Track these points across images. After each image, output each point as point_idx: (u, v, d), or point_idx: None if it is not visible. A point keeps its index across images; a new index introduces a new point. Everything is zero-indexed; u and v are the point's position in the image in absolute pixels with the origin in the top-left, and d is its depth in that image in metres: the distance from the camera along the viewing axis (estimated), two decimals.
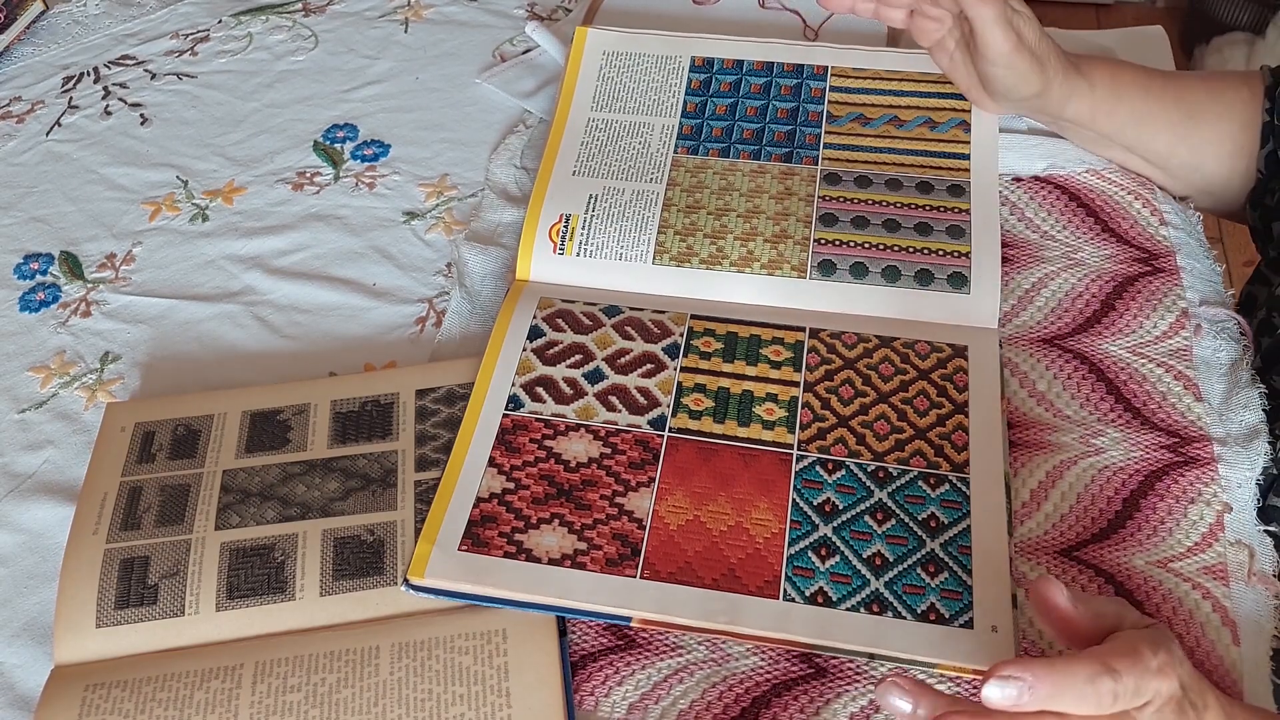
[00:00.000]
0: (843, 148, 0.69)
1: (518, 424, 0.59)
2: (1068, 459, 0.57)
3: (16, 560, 0.60)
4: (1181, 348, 0.61)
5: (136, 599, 0.54)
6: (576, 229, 0.67)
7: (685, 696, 0.52)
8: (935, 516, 0.54)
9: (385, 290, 0.70)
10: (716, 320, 0.63)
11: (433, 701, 0.50)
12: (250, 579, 0.55)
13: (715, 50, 0.74)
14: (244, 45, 0.89)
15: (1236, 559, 0.54)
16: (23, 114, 0.85)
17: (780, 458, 0.57)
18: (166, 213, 0.77)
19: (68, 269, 0.74)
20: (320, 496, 0.58)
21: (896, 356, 0.61)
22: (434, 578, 0.54)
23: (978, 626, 0.51)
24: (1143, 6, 2.20)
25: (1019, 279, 0.65)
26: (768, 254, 0.65)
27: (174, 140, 0.82)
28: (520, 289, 0.66)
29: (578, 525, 0.55)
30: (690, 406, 0.60)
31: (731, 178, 0.68)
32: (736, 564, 0.54)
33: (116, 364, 0.68)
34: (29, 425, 0.66)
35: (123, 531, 0.57)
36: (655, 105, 0.73)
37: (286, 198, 0.77)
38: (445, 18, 0.89)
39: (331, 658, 0.52)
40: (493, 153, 0.77)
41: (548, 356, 0.62)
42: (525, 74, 0.82)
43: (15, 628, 0.57)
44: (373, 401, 0.62)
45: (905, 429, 0.58)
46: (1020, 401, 0.60)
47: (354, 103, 0.83)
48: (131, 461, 0.60)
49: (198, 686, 0.51)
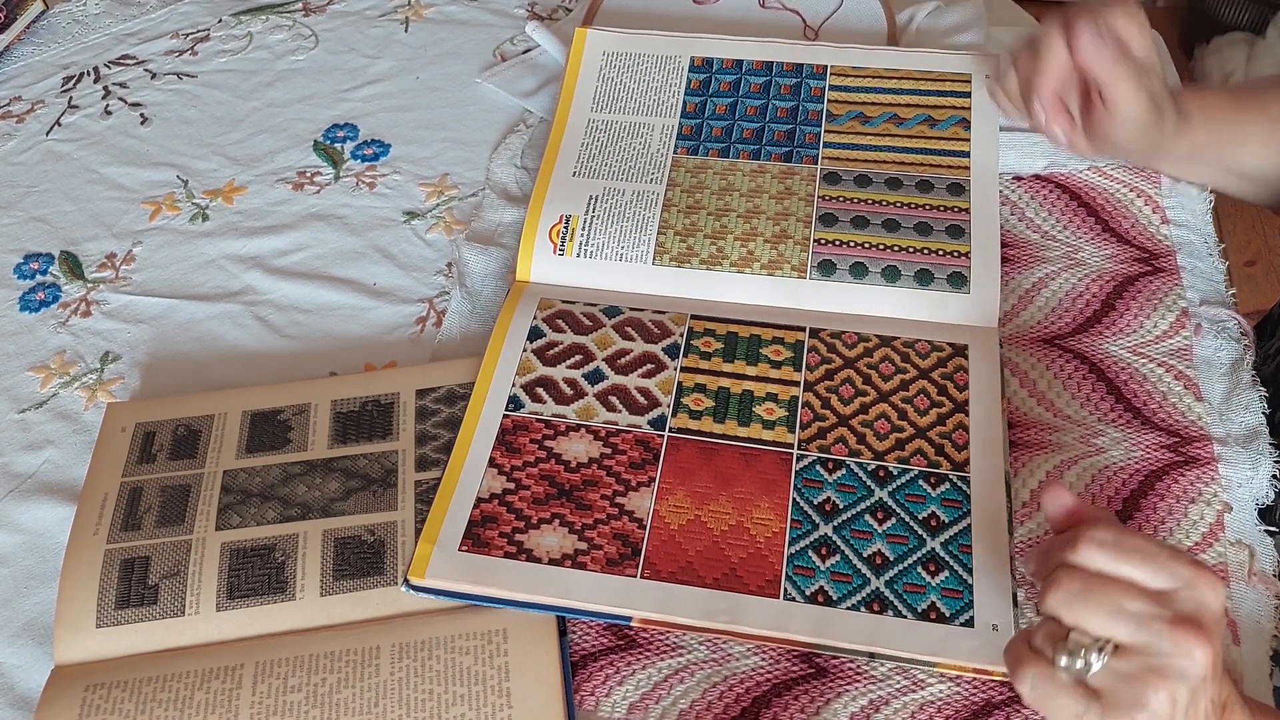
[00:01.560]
0: (842, 146, 0.69)
1: (518, 424, 0.59)
2: (1068, 459, 0.57)
3: (16, 560, 0.60)
4: (1182, 347, 0.61)
5: (137, 599, 0.54)
6: (577, 230, 0.67)
7: (686, 696, 0.52)
8: (935, 516, 0.54)
9: (385, 290, 0.70)
10: (717, 320, 0.63)
11: (433, 702, 0.50)
12: (251, 579, 0.55)
13: (715, 50, 0.74)
14: (244, 45, 0.88)
15: (1236, 559, 0.54)
16: (23, 114, 0.85)
17: (781, 457, 0.57)
18: (166, 212, 0.77)
19: (68, 269, 0.74)
20: (321, 497, 0.58)
21: (896, 356, 0.61)
22: (434, 578, 0.54)
23: (978, 625, 0.51)
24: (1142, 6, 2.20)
25: (1019, 279, 0.65)
26: (768, 254, 0.65)
27: (174, 140, 0.82)
28: (520, 290, 0.66)
29: (578, 525, 0.55)
30: (690, 406, 0.60)
31: (731, 178, 0.68)
32: (737, 563, 0.54)
33: (116, 364, 0.68)
34: (29, 425, 0.66)
35: (123, 532, 0.57)
36: (655, 105, 0.73)
37: (287, 197, 0.77)
38: (445, 17, 0.89)
39: (332, 658, 0.52)
40: (493, 152, 0.77)
41: (548, 357, 0.62)
42: (526, 73, 0.82)
43: (15, 628, 0.57)
44: (373, 401, 0.62)
45: (905, 428, 0.58)
46: (1020, 401, 0.60)
47: (354, 102, 0.83)
48: (132, 462, 0.60)
49: (198, 687, 0.51)
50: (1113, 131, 0.60)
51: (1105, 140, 0.60)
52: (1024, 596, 0.53)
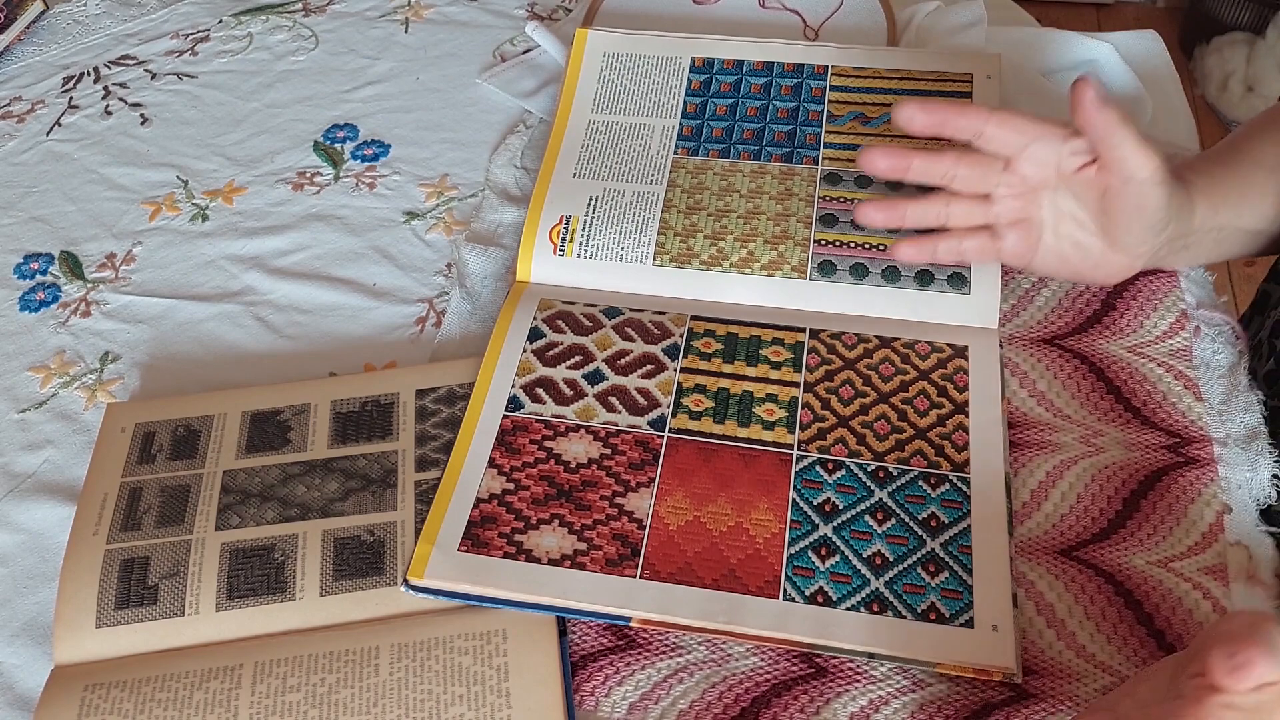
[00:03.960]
0: (843, 147, 0.69)
1: (518, 425, 0.59)
2: (1068, 459, 0.57)
3: (16, 560, 0.60)
4: (1182, 347, 0.61)
5: (136, 599, 0.54)
6: (577, 231, 0.67)
7: (685, 696, 0.52)
8: (935, 516, 0.54)
9: (385, 290, 0.70)
10: (716, 321, 0.63)
11: (432, 702, 0.50)
12: (250, 579, 0.55)
13: (715, 51, 0.74)
14: (244, 45, 0.89)
15: (1236, 559, 0.54)
16: (23, 114, 0.85)
17: (780, 458, 0.57)
18: (166, 213, 0.77)
19: (68, 269, 0.74)
20: (320, 497, 0.58)
21: (896, 357, 0.61)
22: (434, 578, 0.54)
23: (978, 626, 0.51)
24: (1143, 6, 2.20)
25: (1019, 279, 0.65)
26: (768, 255, 0.65)
27: (174, 140, 0.82)
28: (520, 290, 0.66)
29: (578, 526, 0.55)
30: (690, 407, 0.60)
31: (732, 178, 0.68)
32: (736, 564, 0.54)
33: (116, 364, 0.68)
34: (29, 425, 0.66)
35: (123, 532, 0.57)
36: (655, 106, 0.73)
37: (287, 198, 0.77)
38: (445, 18, 0.89)
39: (331, 658, 0.52)
40: (493, 153, 0.77)
41: (548, 358, 0.62)
42: (526, 74, 0.82)
43: (15, 628, 0.57)
44: (373, 401, 0.62)
45: (905, 429, 0.58)
46: (1020, 401, 0.60)
47: (354, 103, 0.83)
48: (132, 462, 0.60)
49: (197, 687, 0.51)
50: (1120, 215, 0.54)
51: (1115, 233, 0.55)
52: (1023, 597, 0.53)
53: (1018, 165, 0.55)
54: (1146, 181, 0.52)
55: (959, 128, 0.54)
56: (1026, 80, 0.74)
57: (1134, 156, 0.52)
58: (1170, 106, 0.76)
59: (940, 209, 0.58)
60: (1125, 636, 0.52)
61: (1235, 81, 1.90)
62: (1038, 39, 0.79)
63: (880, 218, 0.58)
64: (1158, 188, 0.53)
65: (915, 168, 0.56)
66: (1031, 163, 0.55)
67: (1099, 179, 0.54)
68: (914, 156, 0.55)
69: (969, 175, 0.56)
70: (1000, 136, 0.54)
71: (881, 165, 0.55)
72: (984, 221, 0.57)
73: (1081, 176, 0.54)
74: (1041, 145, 0.54)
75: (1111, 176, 0.53)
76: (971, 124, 0.54)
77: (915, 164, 0.56)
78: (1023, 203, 0.56)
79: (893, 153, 0.55)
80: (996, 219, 0.57)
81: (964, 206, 0.57)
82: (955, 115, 0.54)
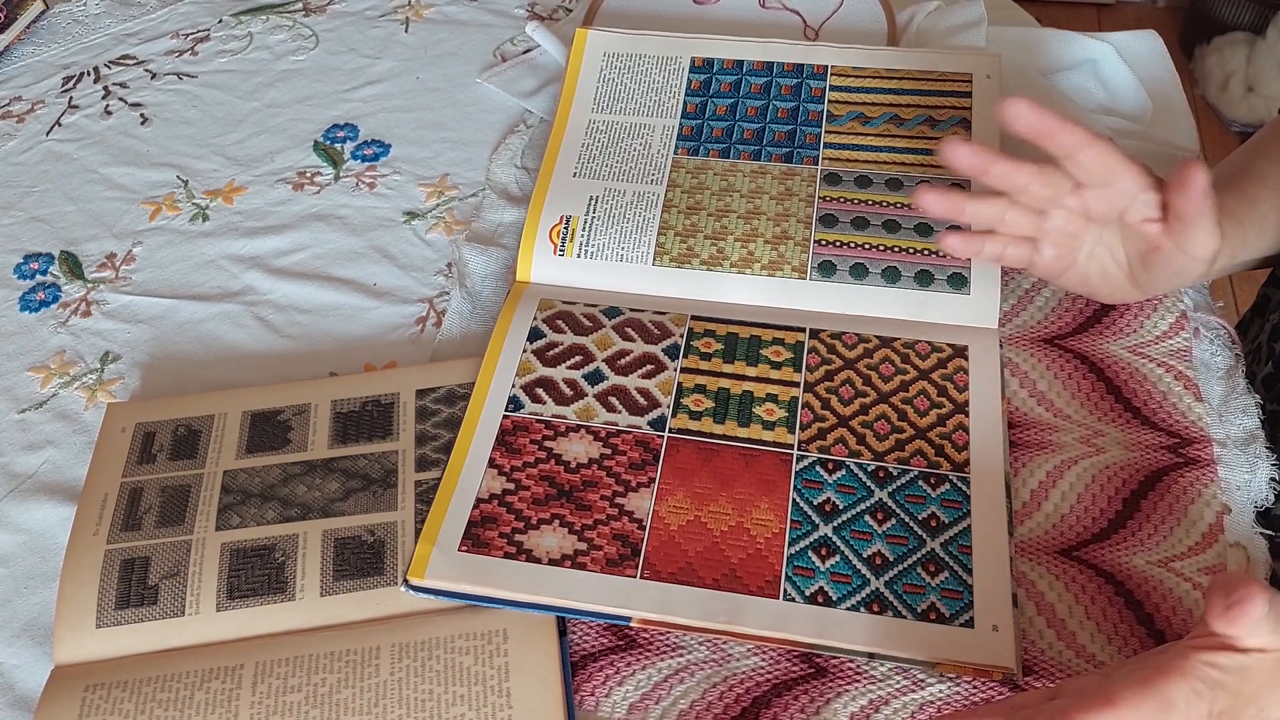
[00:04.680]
0: (843, 147, 0.69)
1: (518, 425, 0.60)
2: (1068, 459, 0.57)
3: (16, 560, 0.60)
4: (1182, 348, 0.61)
5: (137, 599, 0.54)
6: (577, 231, 0.67)
7: (685, 696, 0.52)
8: (935, 516, 0.54)
9: (385, 290, 0.70)
10: (717, 321, 0.63)
11: (433, 702, 0.50)
12: (250, 579, 0.55)
13: (715, 50, 0.74)
14: (244, 45, 0.89)
15: (1236, 560, 0.54)
16: (23, 114, 0.85)
17: (780, 458, 0.57)
18: (166, 212, 0.77)
19: (68, 269, 0.74)
20: (320, 497, 0.58)
21: (897, 357, 0.61)
22: (434, 578, 0.54)
23: (978, 626, 0.51)
24: (1143, 6, 2.20)
25: (1019, 279, 0.65)
26: (768, 255, 0.65)
27: (174, 140, 0.82)
28: (521, 290, 0.66)
29: (578, 526, 0.55)
30: (690, 407, 0.60)
31: (732, 178, 0.68)
32: (737, 564, 0.54)
33: (116, 364, 0.68)
34: (29, 425, 0.66)
35: (123, 532, 0.57)
36: (655, 106, 0.73)
37: (287, 197, 0.77)
38: (446, 17, 0.89)
39: (332, 658, 0.52)
40: (493, 153, 0.77)
41: (548, 358, 0.62)
42: (526, 74, 0.82)
43: (15, 628, 0.57)
44: (373, 401, 0.62)
45: (905, 429, 0.58)
46: (1020, 401, 0.60)
47: (354, 102, 0.83)
48: (132, 462, 0.60)
49: (198, 687, 0.51)
50: (1167, 260, 0.55)
51: (1156, 265, 0.55)
52: (1024, 597, 0.53)
53: (1087, 193, 0.55)
54: (1200, 260, 0.54)
55: (1058, 143, 0.54)
56: (1026, 80, 0.74)
57: (1205, 241, 0.53)
58: (1170, 106, 0.76)
59: (999, 212, 0.58)
60: (1125, 636, 0.52)
61: (1235, 81, 1.90)
62: (1038, 39, 0.79)
63: (941, 207, 0.58)
64: (1204, 264, 0.54)
65: (995, 171, 0.55)
66: (1102, 198, 0.55)
67: (1155, 237, 0.54)
68: (997, 159, 0.55)
69: (1042, 191, 0.56)
70: (1091, 166, 0.54)
71: (965, 161, 0.54)
72: (1033, 233, 0.58)
73: (1141, 227, 0.55)
74: (1119, 188, 0.54)
75: (1169, 241, 0.54)
76: (1072, 143, 0.54)
77: (997, 168, 0.55)
78: (1075, 227, 0.57)
79: (977, 151, 0.54)
80: (1044, 234, 0.58)
81: (1020, 215, 0.57)
82: (1060, 130, 0.54)
